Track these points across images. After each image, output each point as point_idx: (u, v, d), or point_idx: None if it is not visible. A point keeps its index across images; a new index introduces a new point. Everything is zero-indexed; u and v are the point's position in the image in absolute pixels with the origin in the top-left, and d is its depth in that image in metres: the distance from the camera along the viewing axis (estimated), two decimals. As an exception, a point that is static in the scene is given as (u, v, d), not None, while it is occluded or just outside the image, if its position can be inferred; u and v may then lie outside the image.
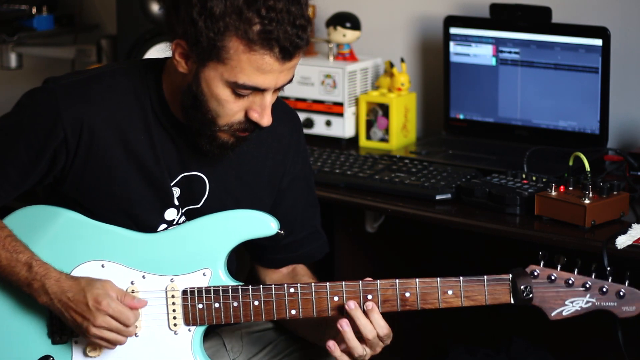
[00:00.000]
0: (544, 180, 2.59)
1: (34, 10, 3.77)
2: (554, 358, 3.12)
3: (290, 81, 2.01)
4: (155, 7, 3.30)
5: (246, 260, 2.51)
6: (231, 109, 2.00)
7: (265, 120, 2.01)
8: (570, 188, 2.48)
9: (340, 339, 2.05)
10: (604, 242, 2.32)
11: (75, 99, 2.06)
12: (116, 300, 2.04)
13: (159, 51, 2.09)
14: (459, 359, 3.18)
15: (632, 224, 2.39)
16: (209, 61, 1.95)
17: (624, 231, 2.36)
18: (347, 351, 2.05)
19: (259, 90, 1.98)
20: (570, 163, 2.55)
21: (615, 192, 2.45)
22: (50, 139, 2.05)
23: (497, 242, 2.75)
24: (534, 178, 2.61)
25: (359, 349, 2.04)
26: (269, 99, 2.00)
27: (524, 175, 2.63)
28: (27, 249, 2.09)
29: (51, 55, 3.86)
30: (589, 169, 2.46)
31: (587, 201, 2.40)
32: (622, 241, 2.32)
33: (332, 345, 2.05)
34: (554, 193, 2.47)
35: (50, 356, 2.14)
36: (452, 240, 3.14)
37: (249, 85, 1.96)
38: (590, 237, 2.37)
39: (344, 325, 2.03)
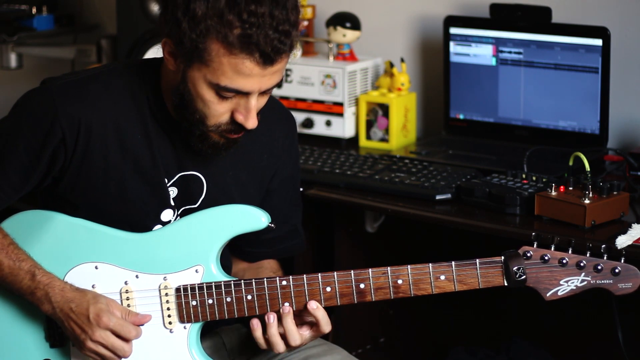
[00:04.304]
0: (544, 180, 2.58)
1: (34, 10, 3.77)
2: (554, 358, 3.11)
3: (277, 84, 2.00)
4: (155, 7, 3.30)
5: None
6: (216, 110, 2.00)
7: (250, 123, 2.00)
8: (570, 188, 2.47)
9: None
10: (604, 242, 2.31)
11: (72, 98, 2.06)
12: (119, 317, 2.04)
13: (158, 51, 2.09)
14: (459, 359, 3.18)
15: (632, 224, 2.38)
16: (193, 62, 1.95)
17: (624, 231, 2.36)
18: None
19: (242, 94, 1.97)
20: (570, 163, 2.55)
21: (615, 192, 2.45)
22: (49, 139, 2.05)
23: (497, 242, 2.75)
24: (534, 178, 2.60)
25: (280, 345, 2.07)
26: (254, 102, 1.99)
27: (524, 175, 2.63)
28: (30, 257, 2.09)
29: (51, 55, 3.86)
30: (589, 169, 2.46)
31: (587, 201, 2.40)
32: (622, 241, 2.32)
33: (255, 323, 2.07)
34: (554, 193, 2.47)
35: (49, 360, 2.15)
36: (451, 241, 3.13)
37: (231, 87, 1.95)
38: (590, 237, 2.37)
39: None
